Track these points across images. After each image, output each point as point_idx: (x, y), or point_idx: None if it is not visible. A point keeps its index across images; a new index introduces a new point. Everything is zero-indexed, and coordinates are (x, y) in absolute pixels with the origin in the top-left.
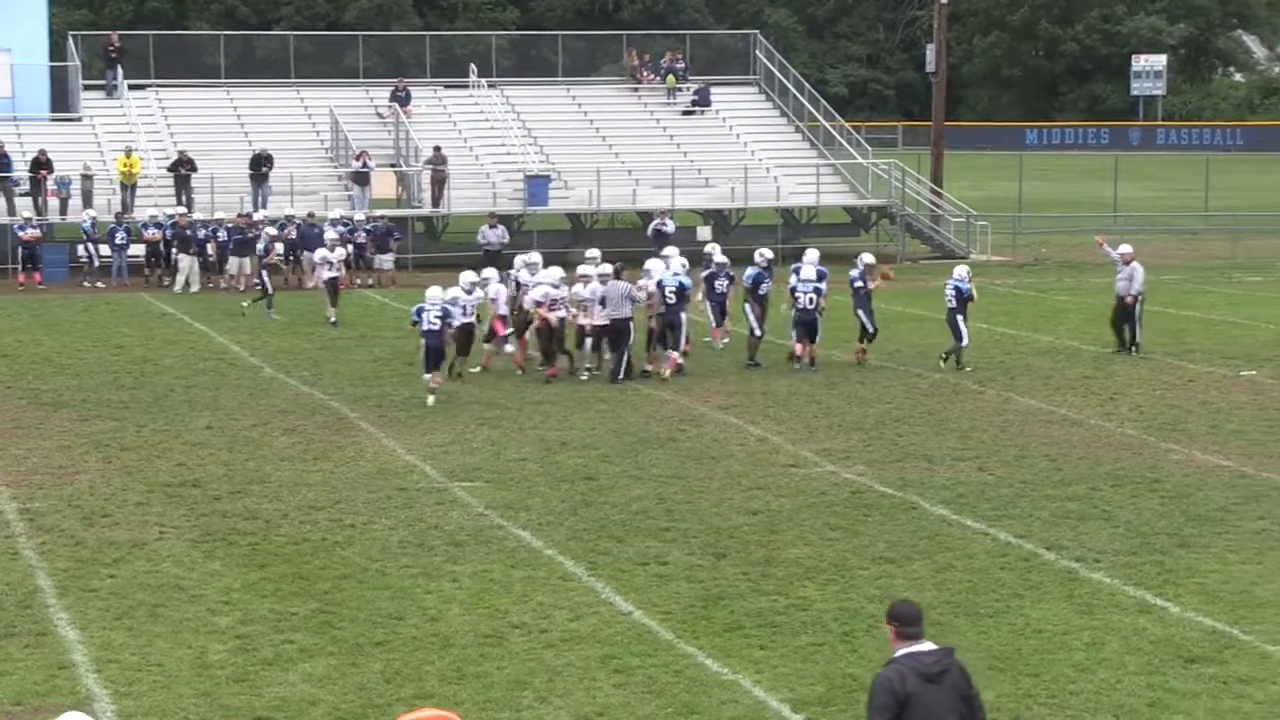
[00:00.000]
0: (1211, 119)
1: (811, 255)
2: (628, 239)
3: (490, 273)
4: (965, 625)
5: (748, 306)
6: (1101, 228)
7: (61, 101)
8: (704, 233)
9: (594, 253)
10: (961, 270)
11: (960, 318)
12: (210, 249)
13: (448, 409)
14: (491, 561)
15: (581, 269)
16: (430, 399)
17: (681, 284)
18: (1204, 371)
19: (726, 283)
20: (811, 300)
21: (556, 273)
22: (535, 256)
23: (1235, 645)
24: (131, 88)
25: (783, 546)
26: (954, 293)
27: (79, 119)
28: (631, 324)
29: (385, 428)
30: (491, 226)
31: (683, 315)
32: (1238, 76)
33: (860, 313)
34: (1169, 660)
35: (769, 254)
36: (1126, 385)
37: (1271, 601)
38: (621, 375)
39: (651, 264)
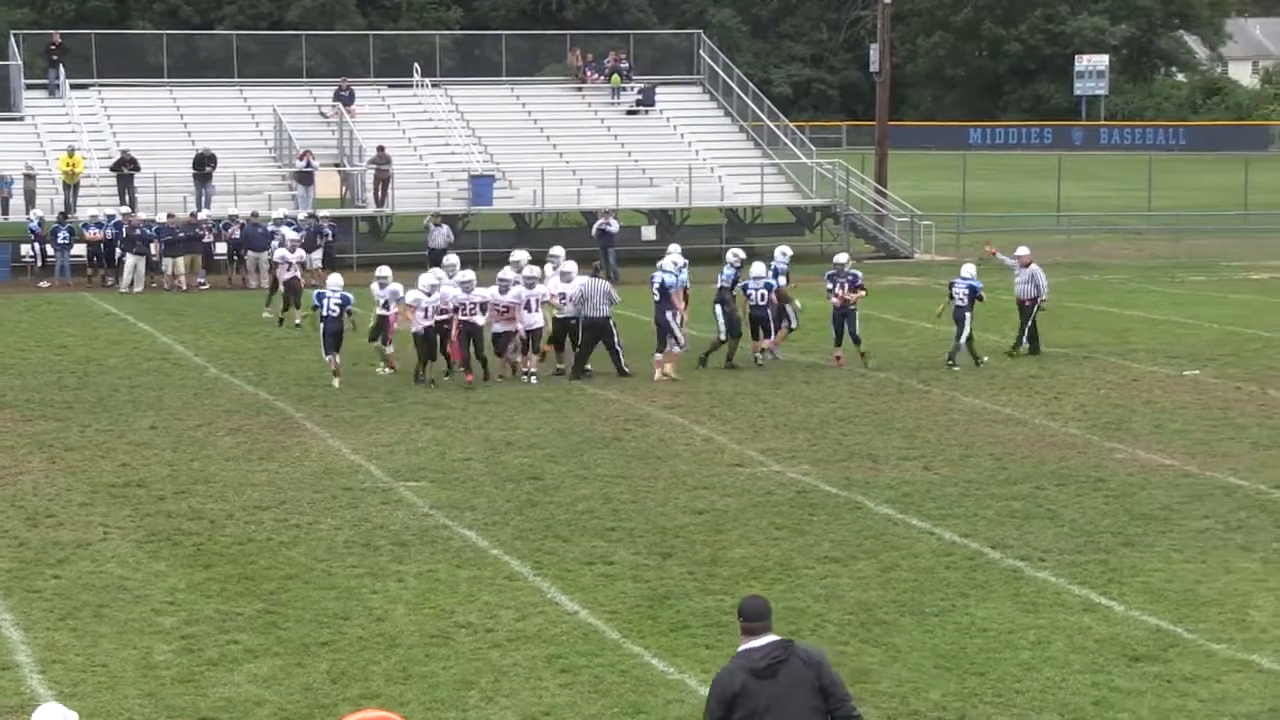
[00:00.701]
0: (1154, 119)
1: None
2: (572, 239)
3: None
4: (911, 624)
5: (718, 308)
6: (1046, 228)
7: (3, 100)
8: (648, 232)
9: (519, 255)
10: (970, 269)
11: (968, 315)
12: (154, 248)
13: (393, 409)
14: (437, 561)
15: (501, 273)
16: (335, 381)
17: (673, 280)
18: (1148, 371)
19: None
20: (763, 297)
21: (468, 274)
22: (453, 258)
23: (1179, 644)
24: (74, 87)
25: (728, 546)
26: (967, 291)
27: (21, 118)
28: (612, 322)
29: (330, 428)
30: (437, 225)
31: (668, 315)
32: (1180, 76)
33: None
34: (1114, 659)
35: (742, 254)
36: (1071, 385)
37: (1215, 600)
38: (625, 369)
39: (567, 264)
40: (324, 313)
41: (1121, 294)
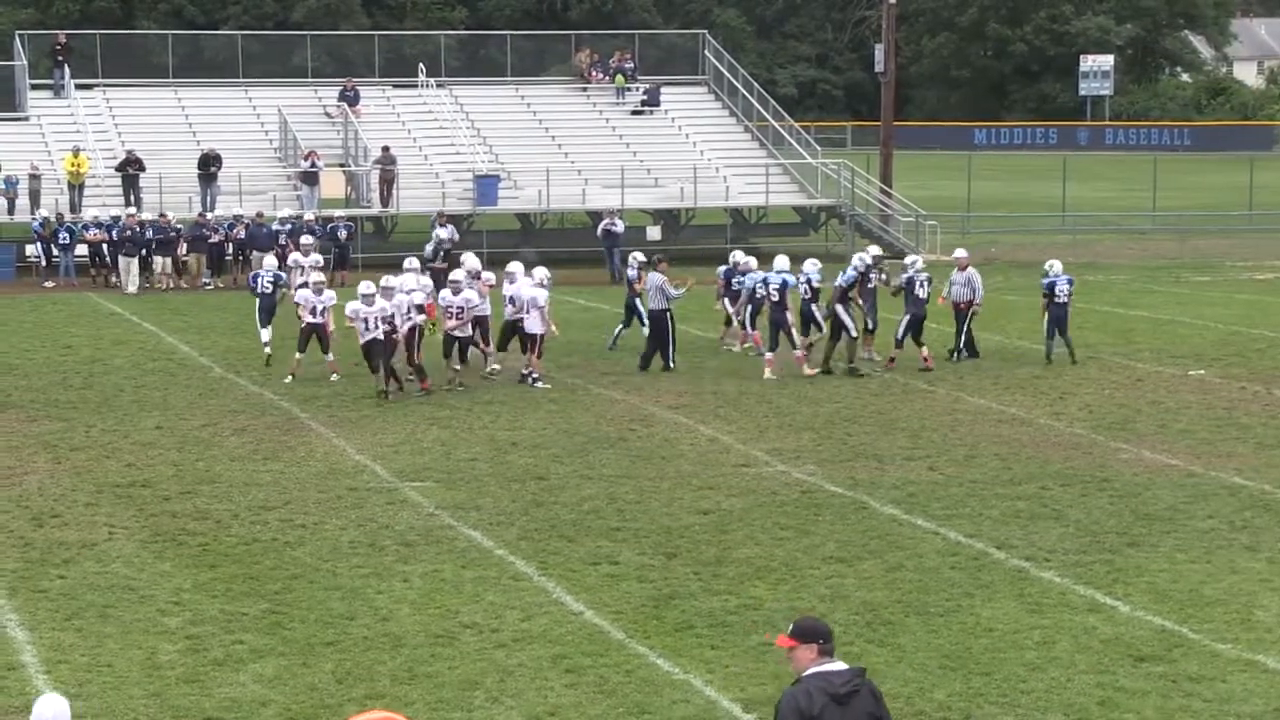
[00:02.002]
0: (1159, 119)
1: (780, 261)
2: (577, 239)
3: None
4: (916, 624)
5: (840, 308)
6: (1050, 228)
7: (8, 101)
8: (653, 233)
9: (473, 262)
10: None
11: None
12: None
13: (398, 409)
14: (442, 561)
15: (453, 274)
16: (267, 349)
17: (785, 282)
18: (1152, 371)
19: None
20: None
21: (422, 280)
22: (413, 262)
23: (1184, 644)
24: (79, 87)
25: (733, 546)
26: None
27: (26, 118)
28: (669, 315)
29: (335, 428)
30: (441, 225)
31: (788, 315)
32: (1185, 77)
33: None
34: (1119, 659)
35: (869, 255)
36: (1075, 385)
37: (1220, 600)
38: (671, 363)
39: (512, 265)
40: (259, 290)
41: (1126, 294)
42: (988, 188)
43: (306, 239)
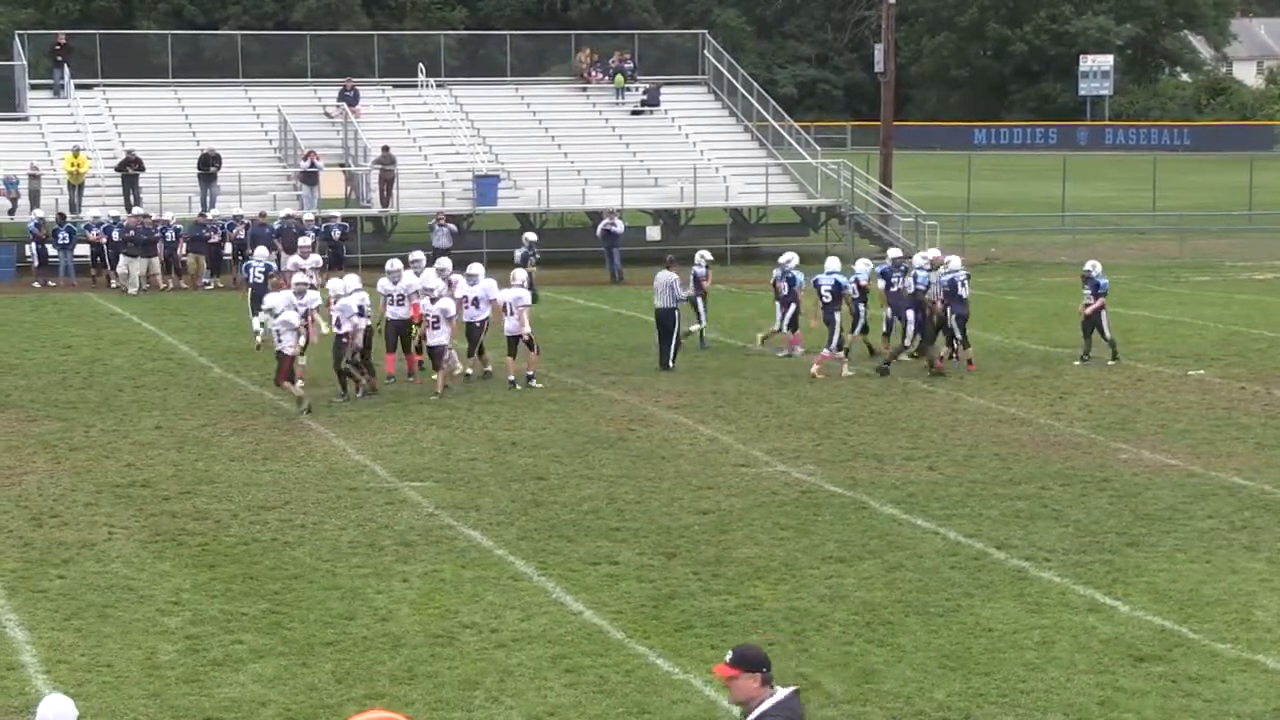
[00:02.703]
0: (1159, 119)
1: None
2: (577, 239)
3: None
4: (916, 624)
5: (910, 312)
6: (1050, 228)
7: (8, 101)
8: (653, 233)
9: (395, 264)
10: (956, 260)
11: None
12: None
13: (398, 409)
14: (442, 561)
15: (427, 280)
16: (258, 338)
17: (838, 282)
18: (1152, 371)
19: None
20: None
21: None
22: (395, 262)
23: (1184, 644)
24: (79, 87)
25: (733, 546)
26: (946, 287)
27: (26, 118)
28: (677, 313)
29: (335, 428)
30: (441, 225)
31: (836, 315)
32: (1185, 76)
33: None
34: (1119, 659)
35: (929, 256)
36: (1075, 385)
37: (1220, 600)
38: (670, 363)
39: (474, 267)
40: (251, 279)
41: (1126, 294)
42: (987, 188)
43: (304, 241)
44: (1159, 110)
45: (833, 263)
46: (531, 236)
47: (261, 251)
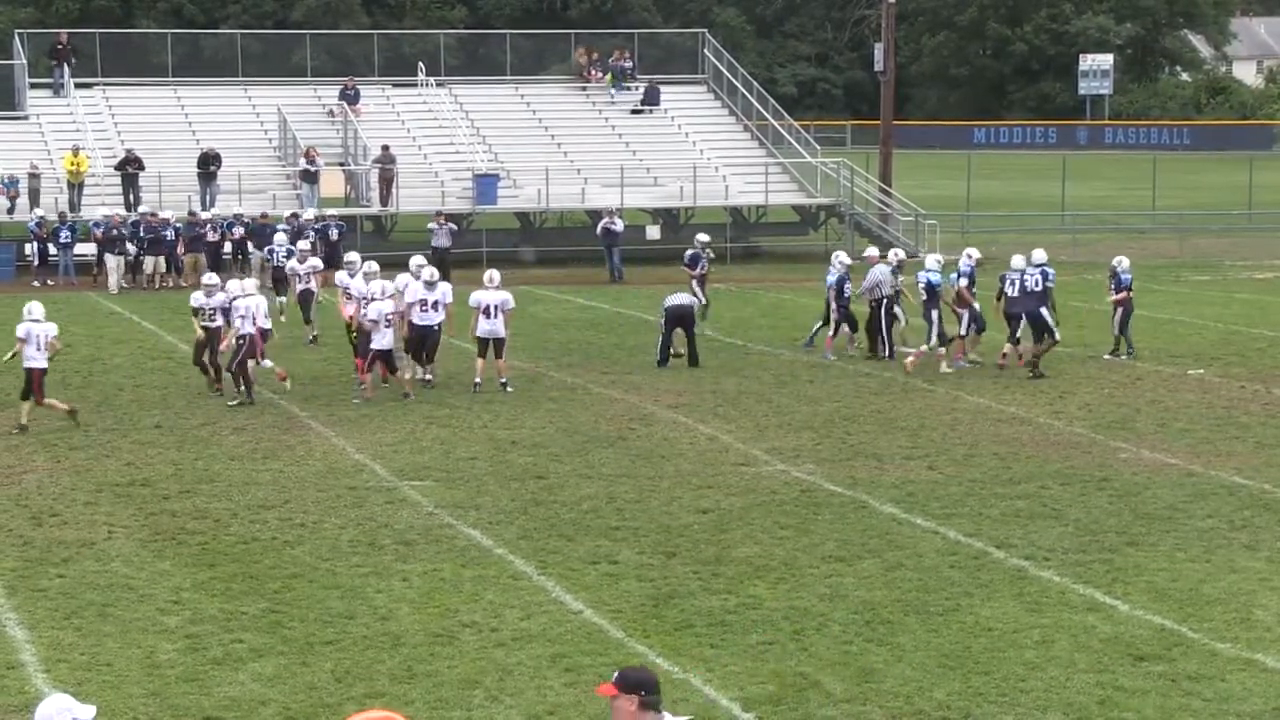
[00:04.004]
0: (1158, 118)
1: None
2: (578, 238)
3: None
4: (915, 624)
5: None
6: (1050, 227)
7: (7, 100)
8: (653, 232)
9: (353, 256)
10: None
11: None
12: (130, 248)
13: (397, 408)
14: (442, 560)
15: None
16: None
17: (930, 281)
18: (1152, 370)
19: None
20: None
21: (252, 283)
22: (371, 264)
23: (1184, 643)
24: (78, 86)
25: (733, 545)
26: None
27: (25, 117)
28: (694, 309)
29: (335, 426)
30: (441, 224)
31: (934, 313)
32: (1184, 76)
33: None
34: (1118, 658)
35: (1033, 258)
36: (1075, 384)
37: (1219, 599)
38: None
39: (428, 272)
40: (274, 262)
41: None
42: (987, 187)
43: (303, 245)
44: (1159, 110)
45: (931, 261)
46: (704, 238)
47: (281, 237)
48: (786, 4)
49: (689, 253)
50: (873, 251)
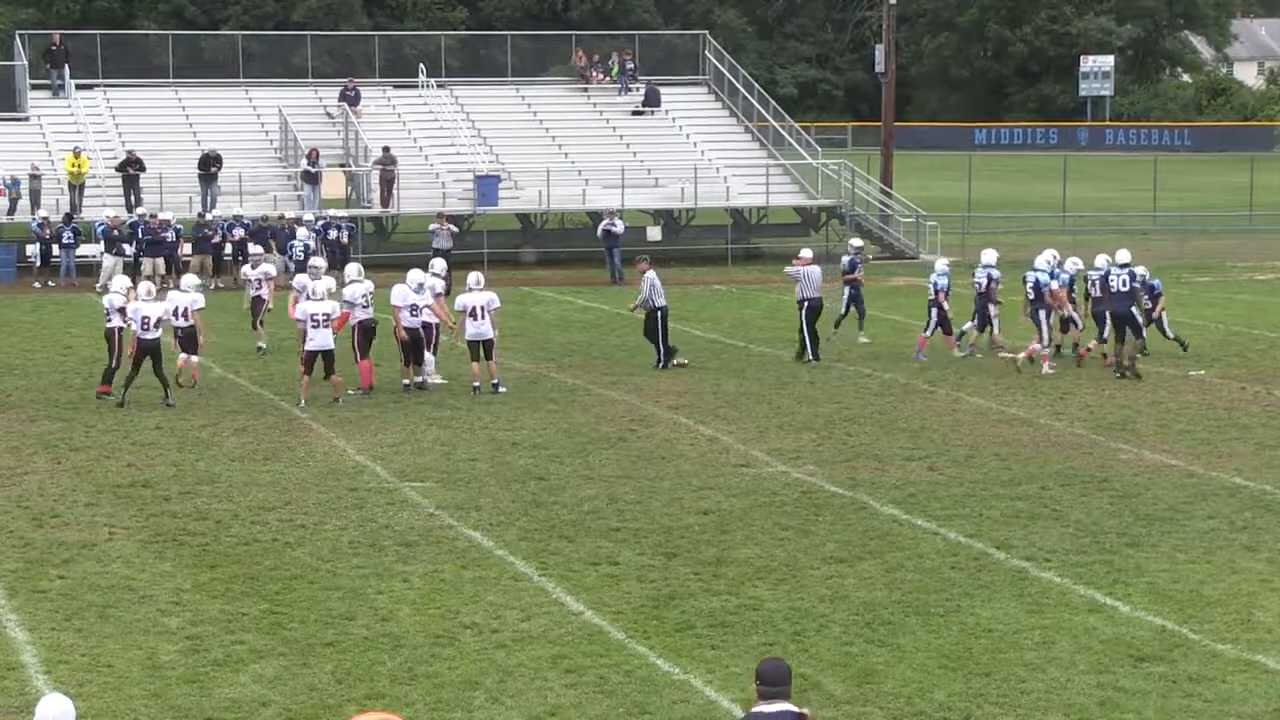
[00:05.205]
0: (1159, 119)
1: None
2: (579, 239)
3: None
4: (916, 624)
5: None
6: (1051, 228)
7: (8, 101)
8: (654, 233)
9: (319, 263)
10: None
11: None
12: (128, 249)
13: (398, 409)
14: (442, 562)
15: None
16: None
17: (1038, 280)
18: (1153, 371)
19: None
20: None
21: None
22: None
23: (1185, 644)
24: (79, 87)
25: (733, 546)
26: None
27: (26, 118)
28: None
29: (335, 428)
30: (442, 226)
31: (1041, 313)
32: (1185, 77)
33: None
34: (1119, 659)
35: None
36: (1076, 385)
37: (1220, 600)
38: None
39: (414, 274)
40: (293, 257)
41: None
42: (988, 188)
43: (317, 262)
44: (1160, 111)
45: (1042, 260)
46: (857, 243)
47: (303, 232)
48: (787, 5)
49: (845, 259)
50: (807, 253)
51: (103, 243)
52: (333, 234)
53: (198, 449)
